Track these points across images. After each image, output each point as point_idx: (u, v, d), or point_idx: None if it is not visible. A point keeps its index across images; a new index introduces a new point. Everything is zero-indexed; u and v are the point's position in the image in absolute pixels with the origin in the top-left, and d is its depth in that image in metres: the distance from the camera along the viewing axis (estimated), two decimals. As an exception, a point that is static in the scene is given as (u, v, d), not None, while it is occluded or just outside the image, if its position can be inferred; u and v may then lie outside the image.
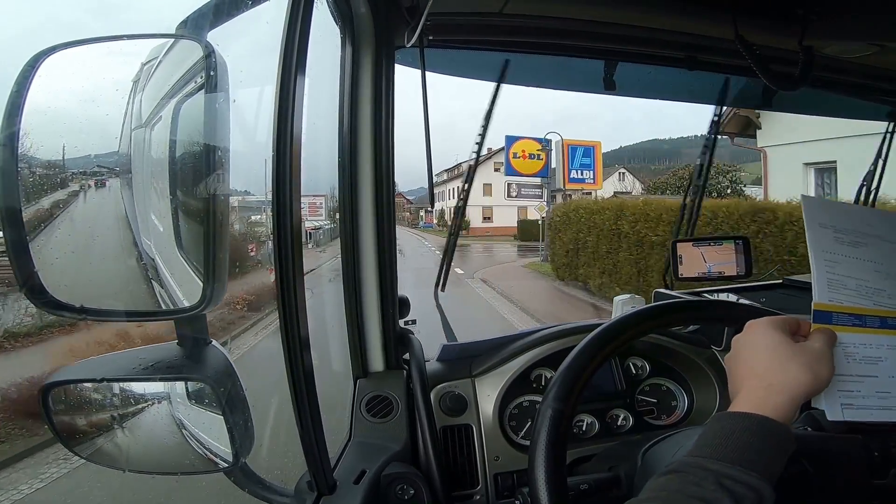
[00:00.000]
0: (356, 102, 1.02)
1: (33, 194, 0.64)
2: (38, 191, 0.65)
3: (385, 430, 1.02)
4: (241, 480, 0.79)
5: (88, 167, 0.67)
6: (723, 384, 1.14)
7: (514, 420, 1.11)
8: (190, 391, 0.73)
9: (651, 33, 1.14)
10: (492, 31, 1.13)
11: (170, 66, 0.68)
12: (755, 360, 0.61)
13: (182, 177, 0.68)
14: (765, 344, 0.61)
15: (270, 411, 1.77)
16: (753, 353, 0.62)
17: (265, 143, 0.65)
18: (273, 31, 0.65)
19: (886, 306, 0.67)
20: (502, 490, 1.04)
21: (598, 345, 0.74)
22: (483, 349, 1.17)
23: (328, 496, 0.80)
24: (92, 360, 0.71)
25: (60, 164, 0.66)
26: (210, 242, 0.66)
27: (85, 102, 0.62)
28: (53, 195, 0.67)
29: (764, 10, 1.01)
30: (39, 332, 6.37)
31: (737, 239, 1.37)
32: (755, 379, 0.60)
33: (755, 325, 0.65)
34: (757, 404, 0.57)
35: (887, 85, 1.38)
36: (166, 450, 0.73)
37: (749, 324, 0.66)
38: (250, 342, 5.88)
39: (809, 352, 0.60)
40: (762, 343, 0.62)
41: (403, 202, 60.22)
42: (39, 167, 0.64)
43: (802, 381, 0.58)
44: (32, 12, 36.88)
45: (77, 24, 35.69)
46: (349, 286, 1.06)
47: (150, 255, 0.74)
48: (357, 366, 1.09)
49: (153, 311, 0.77)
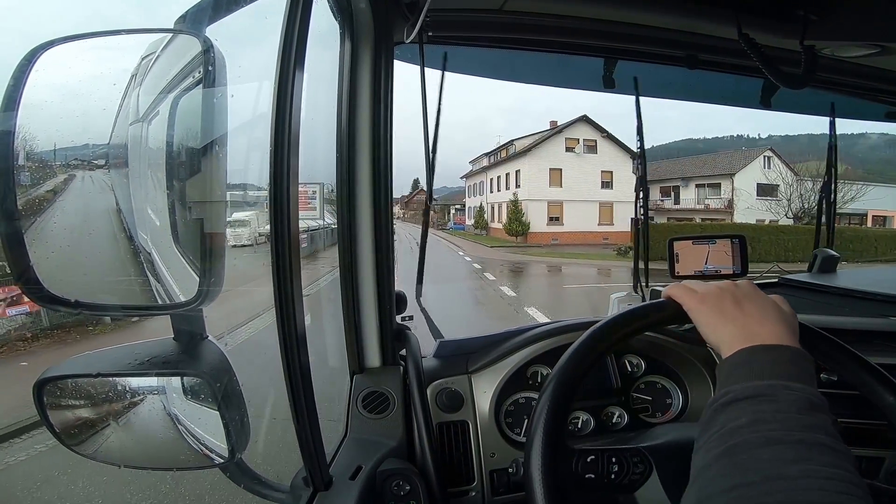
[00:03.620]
0: (355, 98, 1.02)
1: (30, 188, 0.64)
2: (34, 184, 0.65)
3: (381, 426, 1.02)
4: (236, 476, 0.79)
5: (85, 161, 0.66)
6: (715, 382, 1.14)
7: (510, 417, 1.11)
8: (186, 386, 0.73)
9: (651, 32, 1.14)
10: (492, 28, 1.12)
11: (168, 60, 0.68)
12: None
13: (179, 171, 0.68)
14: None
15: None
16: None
17: (263, 138, 0.65)
18: (272, 26, 0.65)
19: None
20: (498, 486, 1.04)
21: (591, 343, 0.75)
22: (479, 346, 1.17)
23: (324, 492, 0.81)
24: (87, 355, 0.71)
25: (56, 159, 0.65)
26: (207, 237, 0.66)
27: (82, 97, 0.62)
28: (49, 189, 0.67)
29: (766, 10, 1.01)
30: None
31: (733, 237, 1.37)
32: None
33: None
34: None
35: (886, 86, 1.38)
36: (162, 445, 0.73)
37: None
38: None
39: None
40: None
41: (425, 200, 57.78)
42: (36, 161, 0.64)
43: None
44: (81, 8, 36.36)
45: (120, 19, 35.25)
46: (346, 282, 1.06)
47: (146, 250, 0.74)
48: (353, 361, 1.09)
49: (149, 306, 0.77)
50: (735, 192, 28.70)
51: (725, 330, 0.65)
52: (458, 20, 1.09)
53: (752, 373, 0.58)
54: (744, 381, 0.57)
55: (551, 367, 0.75)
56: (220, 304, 0.69)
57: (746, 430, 0.52)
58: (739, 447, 0.51)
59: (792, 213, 26.51)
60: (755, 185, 28.71)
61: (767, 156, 29.56)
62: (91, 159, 0.66)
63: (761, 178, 28.78)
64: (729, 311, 0.66)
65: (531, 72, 1.48)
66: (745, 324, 0.64)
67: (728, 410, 0.55)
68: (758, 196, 28.39)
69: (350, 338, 1.09)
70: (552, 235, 28.97)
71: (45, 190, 0.66)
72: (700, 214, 29.11)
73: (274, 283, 0.67)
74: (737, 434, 0.52)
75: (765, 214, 26.70)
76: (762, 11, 1.01)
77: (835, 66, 1.25)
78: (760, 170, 29.20)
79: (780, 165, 28.40)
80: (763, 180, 28.63)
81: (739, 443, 0.51)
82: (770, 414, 0.52)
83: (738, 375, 0.59)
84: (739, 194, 28.55)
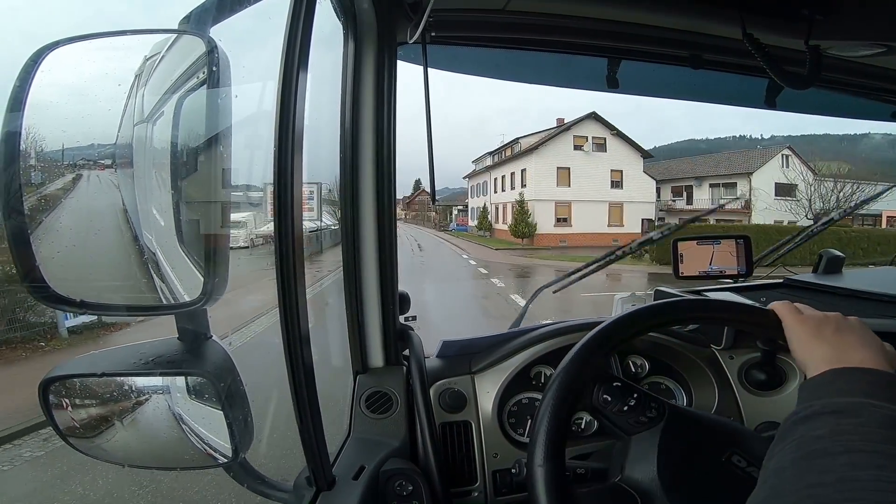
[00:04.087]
0: (358, 98, 1.02)
1: (36, 188, 0.64)
2: (40, 185, 0.65)
3: (384, 426, 1.02)
4: (240, 475, 0.79)
5: (90, 162, 0.67)
6: (721, 383, 1.14)
7: (513, 417, 1.11)
8: (190, 386, 0.73)
9: (655, 32, 1.13)
10: (495, 28, 1.12)
11: (172, 61, 0.68)
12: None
13: (184, 171, 0.68)
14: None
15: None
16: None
17: (267, 138, 0.65)
18: (275, 26, 0.65)
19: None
20: (501, 487, 1.04)
21: (597, 343, 0.75)
22: (483, 346, 1.17)
23: (327, 492, 0.81)
24: (92, 355, 0.71)
25: (62, 159, 0.66)
26: (211, 237, 0.67)
27: (87, 97, 0.62)
28: (55, 189, 0.67)
29: (770, 10, 1.01)
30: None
31: (738, 238, 1.36)
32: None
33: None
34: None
35: (892, 86, 1.38)
36: (166, 445, 0.73)
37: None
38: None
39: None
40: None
41: (430, 201, 55.54)
42: (42, 162, 0.64)
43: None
44: (83, 7, 36.47)
45: (123, 18, 35.38)
46: (350, 281, 1.06)
47: (151, 250, 0.74)
48: (357, 361, 1.09)
49: (154, 306, 0.77)
50: (752, 191, 27.58)
51: (818, 350, 0.65)
52: (462, 20, 1.09)
53: (838, 390, 0.58)
54: (827, 397, 0.57)
55: (555, 367, 0.74)
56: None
57: (825, 440, 0.52)
58: (817, 453, 0.51)
59: (812, 215, 25.04)
60: (773, 184, 27.75)
61: (786, 154, 28.61)
62: (97, 159, 0.66)
63: (780, 178, 27.70)
64: (827, 335, 0.66)
65: (534, 72, 1.48)
66: (840, 348, 0.64)
67: (808, 422, 0.55)
68: (776, 196, 27.23)
69: (353, 338, 1.09)
70: (560, 237, 27.82)
71: (51, 190, 0.66)
72: (715, 215, 27.04)
73: (278, 283, 0.67)
74: (815, 443, 0.52)
75: (784, 215, 25.44)
76: (766, 11, 1.01)
77: (840, 65, 1.24)
78: (779, 168, 28.17)
79: (798, 164, 27.40)
80: (782, 180, 27.52)
81: (818, 449, 0.51)
82: (852, 427, 0.52)
83: (821, 392, 0.58)
84: (757, 194, 27.47)
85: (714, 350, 1.19)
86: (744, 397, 1.13)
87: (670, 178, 31.71)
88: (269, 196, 0.66)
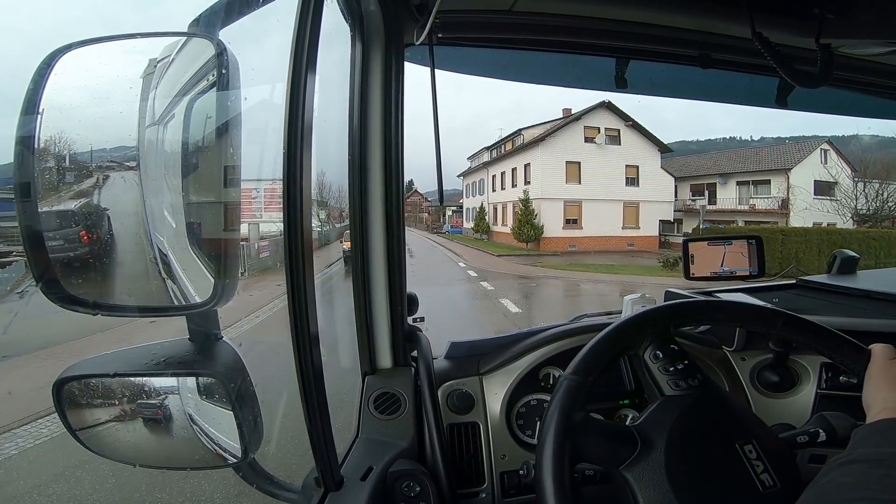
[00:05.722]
0: (366, 100, 1.02)
1: (49, 190, 0.65)
2: (53, 186, 0.66)
3: (392, 426, 1.02)
4: (249, 476, 0.79)
5: (102, 163, 0.67)
6: (733, 384, 1.13)
7: (521, 419, 1.11)
8: (200, 386, 0.74)
9: (663, 31, 1.13)
10: (501, 29, 1.12)
11: (182, 63, 0.69)
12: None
13: (194, 174, 0.69)
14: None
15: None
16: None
17: (276, 140, 0.65)
18: (284, 29, 0.65)
19: None
20: (508, 488, 1.04)
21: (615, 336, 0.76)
22: (491, 347, 1.17)
23: (335, 492, 0.81)
24: (105, 355, 0.72)
25: (76, 161, 0.66)
26: (221, 239, 0.67)
27: (99, 100, 0.63)
28: (68, 191, 0.68)
29: (780, 8, 1.00)
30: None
31: (749, 238, 1.35)
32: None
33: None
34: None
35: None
36: (177, 445, 0.74)
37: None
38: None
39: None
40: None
41: (422, 201, 54.27)
42: (55, 163, 0.65)
43: None
44: (76, 3, 37.03)
45: (118, 18, 35.78)
46: (358, 283, 1.06)
47: (162, 251, 0.75)
48: (365, 362, 1.10)
49: (165, 307, 0.78)
50: (790, 189, 23.99)
51: (885, 396, 0.65)
52: (468, 21, 1.09)
53: (884, 441, 0.58)
54: (872, 446, 0.57)
55: (563, 368, 0.74)
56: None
57: (847, 488, 0.52)
58: (833, 501, 0.52)
59: (858, 216, 23.30)
60: (812, 182, 24.42)
61: (824, 149, 24.91)
62: (109, 162, 0.67)
63: (820, 175, 24.36)
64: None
65: (542, 72, 1.47)
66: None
67: (843, 469, 0.55)
68: (815, 195, 24.03)
69: (362, 339, 1.09)
70: (569, 241, 24.67)
71: (65, 192, 0.67)
72: (744, 216, 25.28)
73: (287, 284, 0.67)
74: (837, 491, 0.53)
75: (826, 216, 22.97)
76: (776, 10, 1.00)
77: (852, 64, 1.23)
78: (819, 164, 24.62)
79: (839, 161, 24.35)
80: (824, 177, 24.23)
81: (835, 500, 0.52)
82: (878, 477, 0.52)
83: (869, 440, 0.59)
84: (796, 193, 23.89)
85: (726, 351, 1.18)
86: (756, 399, 1.12)
87: (689, 175, 28.46)
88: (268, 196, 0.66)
